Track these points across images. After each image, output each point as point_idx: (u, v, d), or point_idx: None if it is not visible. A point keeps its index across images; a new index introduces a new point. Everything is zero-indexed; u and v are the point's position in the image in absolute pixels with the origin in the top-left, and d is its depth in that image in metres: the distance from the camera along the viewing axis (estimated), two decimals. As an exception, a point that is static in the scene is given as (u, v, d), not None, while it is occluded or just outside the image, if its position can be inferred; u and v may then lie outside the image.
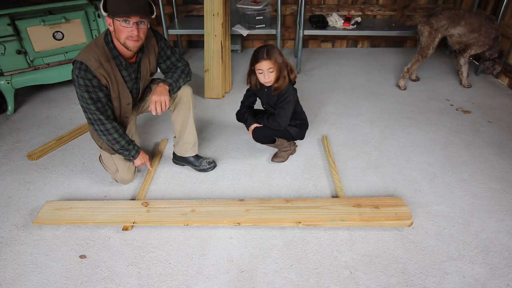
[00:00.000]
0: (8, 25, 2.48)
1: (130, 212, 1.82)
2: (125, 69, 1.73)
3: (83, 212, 1.82)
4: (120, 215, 1.80)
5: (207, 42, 2.83)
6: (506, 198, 1.99)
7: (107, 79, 1.67)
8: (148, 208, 1.84)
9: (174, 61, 1.93)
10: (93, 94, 1.66)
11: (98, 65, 1.62)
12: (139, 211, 1.82)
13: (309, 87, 3.17)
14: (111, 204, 1.88)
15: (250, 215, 1.79)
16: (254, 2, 3.36)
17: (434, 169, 2.20)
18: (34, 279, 1.56)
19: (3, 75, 2.66)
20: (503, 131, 2.56)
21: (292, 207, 1.83)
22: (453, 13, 2.85)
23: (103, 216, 1.79)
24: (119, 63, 1.70)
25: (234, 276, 1.58)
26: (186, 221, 1.77)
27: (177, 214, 1.80)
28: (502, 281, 1.55)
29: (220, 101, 2.98)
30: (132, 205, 1.86)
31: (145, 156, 1.99)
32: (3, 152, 2.37)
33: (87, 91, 1.64)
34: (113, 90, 1.73)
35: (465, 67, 3.12)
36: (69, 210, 1.83)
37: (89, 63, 1.60)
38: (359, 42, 4.02)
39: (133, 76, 1.79)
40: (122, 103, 1.81)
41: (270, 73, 1.90)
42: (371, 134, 2.55)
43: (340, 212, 1.80)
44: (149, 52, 1.81)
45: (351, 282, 1.55)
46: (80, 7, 2.71)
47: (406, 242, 1.73)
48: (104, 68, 1.64)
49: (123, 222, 1.78)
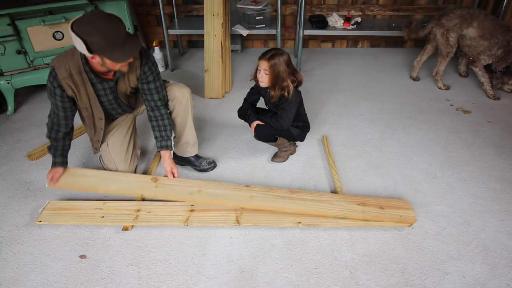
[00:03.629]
0: (8, 25, 2.48)
1: (140, 186, 1.91)
2: (99, 83, 1.71)
3: (96, 181, 1.91)
4: (130, 188, 1.90)
5: (207, 42, 2.83)
6: (506, 198, 1.99)
7: (74, 90, 1.67)
8: (156, 183, 1.91)
9: (153, 89, 1.82)
10: (53, 99, 1.70)
11: (67, 75, 1.62)
12: (148, 185, 1.90)
13: (309, 87, 3.17)
14: (122, 176, 1.96)
15: (253, 201, 1.82)
16: (254, 2, 3.36)
17: (434, 169, 2.20)
18: (34, 279, 1.56)
19: (3, 75, 2.66)
20: (503, 131, 2.56)
21: (296, 198, 1.85)
22: (466, 11, 2.72)
23: (114, 186, 1.89)
24: (91, 77, 1.68)
25: (234, 276, 1.58)
26: (191, 200, 1.84)
27: (183, 193, 1.86)
28: (502, 281, 1.55)
29: (220, 101, 2.98)
30: (142, 179, 1.96)
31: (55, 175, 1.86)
32: (3, 152, 2.37)
33: (49, 93, 1.70)
34: (81, 101, 1.73)
35: (485, 78, 2.93)
36: (84, 177, 1.92)
37: (59, 72, 1.62)
38: (359, 42, 4.02)
39: (108, 92, 1.77)
40: (94, 115, 1.83)
41: (265, 75, 1.92)
42: (371, 134, 2.55)
43: (343, 209, 1.80)
44: (130, 71, 1.74)
45: (351, 282, 1.55)
46: (80, 7, 2.70)
47: (406, 242, 1.73)
48: (72, 80, 1.64)
49: (131, 194, 1.89)
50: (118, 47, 1.49)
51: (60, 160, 1.87)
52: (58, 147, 1.85)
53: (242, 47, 3.89)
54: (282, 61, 1.89)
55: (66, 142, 1.87)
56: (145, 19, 3.77)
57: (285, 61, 1.90)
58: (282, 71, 1.90)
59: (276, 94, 1.97)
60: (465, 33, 2.76)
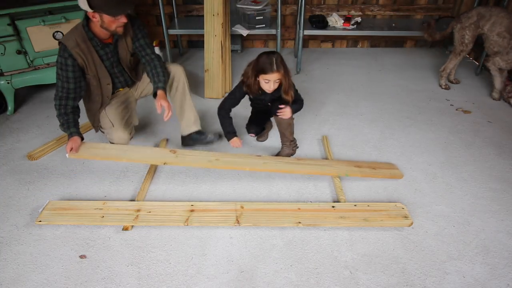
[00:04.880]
0: (8, 25, 2.48)
1: (161, 155, 2.02)
2: (101, 48, 1.93)
3: (117, 152, 2.01)
4: (152, 157, 2.02)
5: (207, 42, 2.83)
6: (506, 198, 1.99)
7: (83, 58, 1.87)
8: (176, 154, 2.02)
9: (144, 44, 2.06)
10: (64, 72, 1.86)
11: (75, 45, 1.83)
12: (168, 155, 2.02)
13: (309, 87, 3.17)
14: (142, 148, 2.14)
15: (267, 166, 2.03)
16: (254, 2, 3.36)
17: (434, 169, 2.20)
18: (34, 279, 1.56)
19: (3, 75, 2.66)
20: (503, 131, 2.56)
21: (303, 163, 2.10)
22: (486, 9, 2.68)
23: (136, 156, 2.00)
24: (95, 44, 1.90)
25: (234, 276, 1.58)
26: (213, 166, 2.00)
27: (203, 161, 2.00)
28: (502, 281, 1.55)
29: (220, 101, 2.97)
30: (162, 151, 2.10)
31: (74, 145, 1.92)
32: (3, 152, 2.37)
33: (60, 68, 1.86)
34: (89, 68, 1.92)
35: (497, 79, 2.84)
36: (104, 150, 2.02)
37: (67, 43, 1.82)
38: (359, 42, 4.02)
39: (110, 56, 1.99)
40: (102, 82, 2.01)
41: (276, 83, 1.94)
42: (371, 134, 2.55)
43: (344, 170, 2.07)
44: (125, 35, 1.98)
45: (351, 282, 1.55)
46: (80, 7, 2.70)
47: (406, 242, 1.73)
48: (80, 48, 1.84)
49: (154, 162, 2.03)
50: (113, 4, 1.74)
51: (75, 130, 1.96)
52: (70, 120, 1.95)
53: (242, 47, 3.89)
54: (283, 62, 1.92)
55: (76, 116, 1.99)
56: (145, 19, 3.77)
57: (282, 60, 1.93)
58: (287, 69, 1.94)
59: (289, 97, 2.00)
60: (484, 30, 2.71)
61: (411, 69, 3.52)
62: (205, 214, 1.81)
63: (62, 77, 1.88)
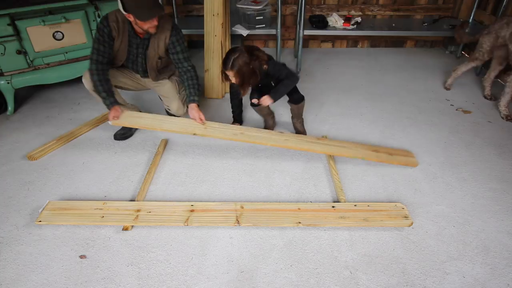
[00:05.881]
0: (8, 25, 2.48)
1: (191, 126, 2.19)
2: (133, 37, 2.17)
3: (152, 121, 2.19)
4: (183, 127, 2.18)
5: (207, 42, 2.83)
6: (506, 198, 1.99)
7: (117, 32, 2.13)
8: (205, 125, 2.20)
9: (182, 58, 2.26)
10: (100, 36, 2.10)
11: (115, 20, 2.09)
12: (199, 126, 2.19)
13: (309, 87, 3.17)
14: (175, 118, 2.29)
15: (288, 143, 2.15)
16: (254, 2, 3.36)
17: (434, 169, 2.20)
18: (34, 279, 1.56)
19: (3, 75, 2.66)
20: (503, 131, 2.56)
21: (322, 143, 2.22)
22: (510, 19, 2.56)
23: (168, 126, 2.17)
24: (130, 30, 2.15)
25: (234, 276, 1.58)
26: (238, 139, 2.15)
27: (229, 134, 2.16)
28: (502, 281, 1.55)
29: (220, 101, 2.98)
30: (193, 122, 2.22)
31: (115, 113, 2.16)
32: (3, 152, 2.37)
33: (98, 32, 2.10)
34: (117, 41, 2.16)
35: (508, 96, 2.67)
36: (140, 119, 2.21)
37: (110, 16, 2.09)
38: (359, 42, 4.02)
39: (137, 46, 2.21)
40: (117, 57, 2.24)
41: (234, 79, 2.14)
42: (371, 134, 2.55)
43: (361, 153, 2.16)
44: (159, 39, 2.19)
45: (351, 282, 1.55)
46: (80, 7, 2.71)
47: (406, 242, 1.73)
48: (117, 25, 2.11)
49: (185, 132, 2.16)
50: (144, 9, 1.95)
51: (114, 100, 2.17)
52: (110, 88, 2.16)
53: (242, 47, 3.88)
54: (242, 64, 2.07)
55: (111, 85, 2.19)
56: (145, 19, 3.76)
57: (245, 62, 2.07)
58: (246, 71, 2.10)
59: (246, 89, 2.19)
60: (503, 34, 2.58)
61: (411, 69, 3.52)
62: (205, 214, 1.81)
63: (98, 40, 2.09)
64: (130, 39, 2.18)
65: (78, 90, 3.10)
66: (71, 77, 2.89)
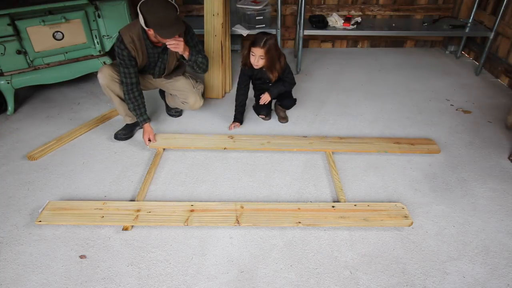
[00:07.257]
0: (8, 25, 2.48)
1: (221, 141, 2.37)
2: (151, 49, 2.21)
3: (185, 141, 2.38)
4: (214, 143, 2.35)
5: (207, 42, 2.83)
6: (506, 198, 1.99)
7: (136, 52, 2.16)
8: (234, 139, 2.39)
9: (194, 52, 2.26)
10: (121, 60, 2.15)
11: (130, 41, 2.10)
12: (228, 141, 2.38)
13: (309, 87, 3.17)
14: (205, 136, 2.43)
15: (313, 146, 2.32)
16: (254, 2, 3.36)
17: (434, 169, 2.20)
18: (34, 279, 1.56)
19: (3, 75, 2.66)
20: (503, 131, 2.56)
21: (344, 142, 2.36)
22: None
23: (201, 143, 2.35)
24: (147, 44, 2.17)
25: (234, 276, 1.58)
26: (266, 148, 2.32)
27: (257, 144, 2.34)
28: (502, 281, 1.55)
29: (220, 101, 2.98)
30: (222, 137, 2.41)
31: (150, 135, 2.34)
32: (3, 152, 2.37)
33: (118, 56, 2.15)
34: (138, 58, 2.21)
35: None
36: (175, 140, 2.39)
37: (124, 38, 2.10)
38: (359, 42, 4.02)
39: (157, 56, 2.27)
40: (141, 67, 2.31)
41: (261, 59, 2.24)
42: (371, 134, 2.54)
43: (384, 147, 2.30)
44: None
45: (351, 282, 1.55)
46: (80, 7, 2.70)
47: (406, 242, 1.73)
48: (134, 44, 2.13)
49: (216, 148, 2.32)
50: (166, 27, 1.97)
51: (147, 117, 2.33)
52: (141, 105, 2.29)
53: (242, 47, 3.89)
54: (273, 45, 2.21)
55: (143, 99, 2.31)
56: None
57: (275, 45, 2.24)
58: (274, 54, 2.22)
59: (275, 75, 2.33)
60: None
61: (411, 69, 3.52)
62: (205, 214, 1.81)
63: (122, 64, 2.15)
64: (148, 51, 2.21)
65: (78, 90, 3.10)
66: (71, 77, 2.89)
